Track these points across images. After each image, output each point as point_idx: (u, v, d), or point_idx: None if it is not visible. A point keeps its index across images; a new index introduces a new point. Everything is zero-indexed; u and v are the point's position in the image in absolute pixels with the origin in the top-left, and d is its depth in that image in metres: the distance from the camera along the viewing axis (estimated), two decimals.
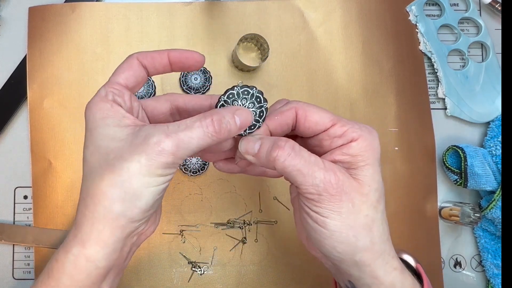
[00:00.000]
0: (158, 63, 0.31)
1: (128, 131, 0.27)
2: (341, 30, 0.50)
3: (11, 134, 0.47)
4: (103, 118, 0.27)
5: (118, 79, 0.29)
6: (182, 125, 0.26)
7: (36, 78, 0.47)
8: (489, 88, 0.50)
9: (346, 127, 0.29)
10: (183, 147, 0.26)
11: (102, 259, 0.27)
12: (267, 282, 0.46)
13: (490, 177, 0.45)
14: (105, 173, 0.26)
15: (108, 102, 0.28)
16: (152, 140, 0.25)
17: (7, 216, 0.47)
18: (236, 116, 0.28)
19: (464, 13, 0.51)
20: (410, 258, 0.34)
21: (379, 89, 0.49)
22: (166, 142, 0.25)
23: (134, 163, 0.25)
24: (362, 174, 0.29)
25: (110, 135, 0.27)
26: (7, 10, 0.49)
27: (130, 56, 0.30)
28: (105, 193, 0.26)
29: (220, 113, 0.27)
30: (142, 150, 0.25)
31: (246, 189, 0.47)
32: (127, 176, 0.26)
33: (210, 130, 0.26)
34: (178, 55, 0.31)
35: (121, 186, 0.26)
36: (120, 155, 0.26)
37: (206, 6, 0.49)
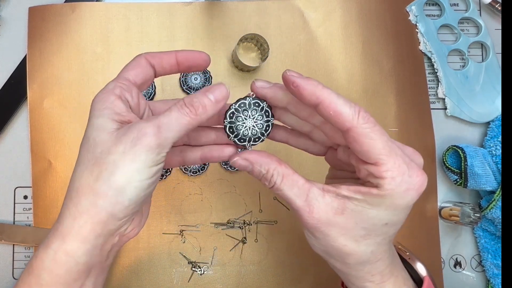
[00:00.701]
0: (166, 62, 0.31)
1: (118, 126, 0.27)
2: (341, 30, 0.50)
3: (11, 134, 0.47)
4: (101, 109, 0.27)
5: (127, 75, 0.30)
6: (162, 112, 0.27)
7: (36, 78, 0.47)
8: (489, 88, 0.50)
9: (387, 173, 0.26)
10: (164, 128, 0.26)
11: (82, 254, 0.27)
12: (267, 282, 0.46)
13: (490, 177, 0.45)
14: (93, 167, 0.26)
15: (113, 95, 0.28)
16: (134, 127, 0.26)
17: (7, 216, 0.47)
18: (209, 93, 0.28)
19: (464, 13, 0.51)
20: (422, 268, 0.34)
21: (379, 89, 0.49)
22: (147, 124, 0.26)
23: (119, 154, 0.26)
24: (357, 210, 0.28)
25: (101, 125, 0.27)
26: (7, 10, 0.49)
27: (139, 56, 0.31)
28: (91, 187, 0.26)
29: (191, 95, 0.28)
30: (125, 139, 0.26)
31: (246, 189, 0.47)
32: (112, 170, 0.26)
33: (185, 110, 0.27)
34: (185, 55, 0.31)
35: (106, 181, 0.26)
36: (107, 148, 0.26)
37: (206, 6, 0.49)
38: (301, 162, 0.47)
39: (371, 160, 0.27)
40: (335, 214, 0.28)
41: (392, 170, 0.26)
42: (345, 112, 0.26)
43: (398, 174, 0.26)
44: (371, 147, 0.26)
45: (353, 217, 0.28)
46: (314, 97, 0.27)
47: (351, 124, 0.26)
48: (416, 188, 0.27)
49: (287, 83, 0.28)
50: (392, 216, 0.28)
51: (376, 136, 0.26)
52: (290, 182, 0.29)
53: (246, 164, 0.30)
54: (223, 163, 0.47)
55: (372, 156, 0.26)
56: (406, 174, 0.26)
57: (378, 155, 0.26)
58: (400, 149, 0.27)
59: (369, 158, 0.27)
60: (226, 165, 0.47)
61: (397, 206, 0.27)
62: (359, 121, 0.26)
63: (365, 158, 0.27)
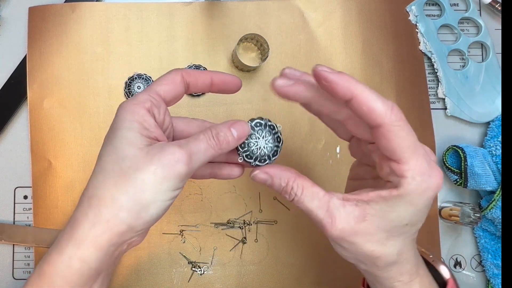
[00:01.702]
0: (201, 82, 0.32)
1: (147, 142, 0.27)
2: (341, 30, 0.50)
3: (11, 134, 0.47)
4: (131, 121, 0.28)
5: (159, 90, 0.30)
6: (191, 139, 0.28)
7: (36, 78, 0.47)
8: (489, 88, 0.50)
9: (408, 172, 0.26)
10: (194, 158, 0.27)
11: (96, 260, 0.27)
12: (267, 282, 0.46)
13: (490, 177, 0.45)
14: (119, 180, 0.26)
15: (144, 108, 0.28)
16: (168, 151, 0.27)
17: (7, 216, 0.47)
18: (233, 129, 0.29)
19: (464, 13, 0.51)
20: (446, 270, 0.34)
21: (379, 89, 0.49)
22: (181, 152, 0.27)
23: (149, 174, 0.26)
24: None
25: (130, 139, 0.27)
26: (7, 10, 0.49)
27: (175, 72, 0.31)
28: (115, 199, 0.26)
29: (217, 128, 0.29)
30: (158, 160, 0.26)
31: (246, 189, 0.47)
32: (140, 187, 0.26)
33: (212, 142, 0.28)
34: (221, 78, 0.32)
35: (132, 196, 0.26)
36: (136, 164, 0.26)
37: (206, 6, 0.49)
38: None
39: (395, 157, 0.27)
40: (357, 222, 0.28)
41: (414, 169, 0.26)
42: (378, 108, 0.26)
43: (419, 174, 0.26)
44: (399, 145, 0.26)
45: (374, 221, 0.28)
46: (348, 92, 0.26)
47: (383, 121, 0.26)
48: (434, 187, 0.27)
49: (318, 78, 0.27)
50: (412, 216, 0.28)
51: (405, 134, 0.26)
52: (311, 194, 0.29)
53: (266, 177, 0.31)
54: None
55: (397, 154, 0.26)
56: (426, 174, 0.27)
57: (403, 153, 0.26)
58: (423, 149, 0.28)
59: (393, 155, 0.27)
60: None
61: (416, 206, 0.27)
62: (391, 118, 0.26)
63: (390, 155, 0.27)
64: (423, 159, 0.27)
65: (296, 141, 0.48)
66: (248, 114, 0.48)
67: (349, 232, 0.28)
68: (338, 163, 0.48)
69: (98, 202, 0.26)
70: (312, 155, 0.48)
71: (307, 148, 0.48)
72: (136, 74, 0.47)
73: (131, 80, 0.47)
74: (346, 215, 0.28)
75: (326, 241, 0.47)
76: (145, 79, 0.47)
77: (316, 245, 0.47)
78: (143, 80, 0.47)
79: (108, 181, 0.27)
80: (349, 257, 0.31)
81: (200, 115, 0.47)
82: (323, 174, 0.44)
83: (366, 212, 0.28)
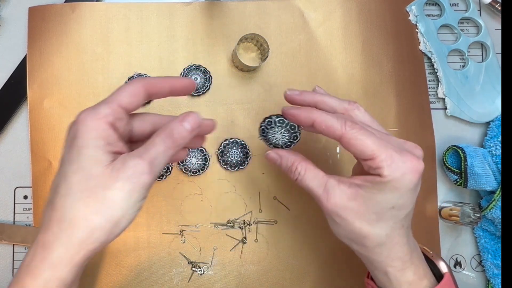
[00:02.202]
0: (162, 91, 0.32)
1: (112, 158, 0.28)
2: (341, 30, 0.50)
3: (11, 134, 0.47)
4: (95, 139, 0.28)
5: (122, 102, 0.30)
6: (149, 145, 0.29)
7: (36, 78, 0.47)
8: (489, 88, 0.50)
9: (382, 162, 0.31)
10: (155, 163, 0.29)
11: (71, 276, 0.28)
12: (267, 282, 0.46)
13: (490, 177, 0.45)
14: (89, 200, 0.27)
15: (107, 123, 0.28)
16: (131, 164, 0.28)
17: (7, 216, 0.47)
18: (185, 123, 0.30)
19: (464, 13, 0.51)
20: (444, 266, 0.36)
21: (379, 89, 0.49)
22: (143, 163, 0.28)
23: (118, 191, 0.27)
24: None
25: (97, 158, 0.28)
26: (7, 10, 0.49)
27: (138, 82, 0.31)
28: (88, 220, 0.27)
29: (170, 126, 0.30)
30: (123, 175, 0.27)
31: (246, 189, 0.47)
32: (111, 205, 0.27)
33: (169, 143, 0.29)
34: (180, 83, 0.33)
35: (104, 215, 0.27)
36: (103, 183, 0.27)
37: (206, 6, 0.49)
38: None
39: (366, 156, 0.31)
40: (348, 199, 0.32)
41: (386, 160, 0.31)
42: (334, 124, 0.32)
43: (392, 162, 0.31)
44: (363, 146, 0.31)
45: (364, 202, 0.32)
46: (309, 119, 0.33)
47: (341, 132, 0.32)
48: (409, 171, 0.31)
49: (286, 115, 0.36)
50: (397, 199, 0.32)
51: (364, 137, 0.31)
52: (312, 174, 0.34)
53: (276, 157, 0.37)
54: (223, 163, 0.47)
55: (367, 153, 0.31)
56: (399, 160, 0.31)
57: (371, 151, 0.31)
58: (391, 143, 0.32)
59: (364, 156, 0.31)
60: (226, 165, 0.47)
61: (399, 189, 0.31)
62: (346, 129, 0.32)
63: (362, 157, 0.32)
64: (392, 150, 0.31)
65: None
66: (248, 114, 0.48)
67: (341, 207, 0.33)
68: (338, 163, 0.48)
69: (70, 225, 0.27)
70: (312, 155, 0.48)
71: (307, 149, 0.48)
72: (136, 74, 0.47)
73: (131, 80, 0.47)
74: (340, 193, 0.33)
75: (326, 241, 0.47)
76: None
77: (316, 245, 0.47)
78: None
79: (78, 202, 0.27)
80: (342, 235, 0.35)
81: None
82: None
83: (357, 193, 0.32)
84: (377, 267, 0.34)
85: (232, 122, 0.48)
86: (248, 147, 0.47)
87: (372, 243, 0.33)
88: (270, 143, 0.39)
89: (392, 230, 0.33)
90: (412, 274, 0.34)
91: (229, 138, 0.47)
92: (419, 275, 0.34)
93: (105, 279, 0.45)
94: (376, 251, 0.33)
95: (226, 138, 0.47)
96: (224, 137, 0.47)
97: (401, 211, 0.32)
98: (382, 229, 0.32)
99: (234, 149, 0.47)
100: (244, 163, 0.47)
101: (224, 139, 0.47)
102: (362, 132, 0.31)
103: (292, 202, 0.47)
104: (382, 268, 0.34)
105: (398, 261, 0.33)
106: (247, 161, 0.47)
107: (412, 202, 0.33)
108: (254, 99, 0.48)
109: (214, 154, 0.47)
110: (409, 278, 0.34)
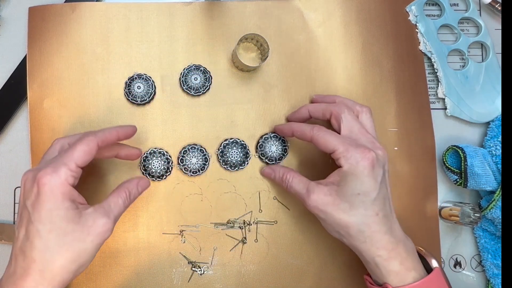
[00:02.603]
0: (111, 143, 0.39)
1: (80, 214, 0.34)
2: (341, 30, 0.50)
3: (11, 134, 0.47)
4: (63, 201, 0.33)
5: (78, 161, 0.35)
6: (113, 206, 0.36)
7: (36, 78, 0.47)
8: (489, 88, 0.50)
9: (341, 153, 0.38)
10: (118, 217, 0.37)
11: None
12: (267, 282, 0.46)
13: (490, 177, 0.45)
14: (67, 254, 0.33)
15: (68, 186, 0.34)
16: (100, 223, 0.34)
17: (7, 216, 0.47)
18: (139, 186, 0.40)
19: (464, 13, 0.51)
20: (435, 262, 0.39)
21: (379, 89, 0.49)
22: (109, 222, 0.35)
23: (88, 244, 0.34)
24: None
25: (68, 217, 0.33)
26: (7, 10, 0.49)
27: (91, 140, 0.36)
28: (66, 268, 0.33)
29: (129, 188, 0.39)
30: (93, 232, 0.34)
31: (246, 189, 0.47)
32: (83, 254, 0.34)
33: (127, 201, 0.38)
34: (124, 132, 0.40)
35: (79, 262, 0.34)
36: (77, 238, 0.33)
37: (206, 6, 0.49)
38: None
39: (330, 150, 0.39)
40: (325, 195, 0.39)
41: (343, 152, 0.38)
42: (306, 129, 0.41)
43: (347, 153, 0.38)
44: (327, 143, 0.39)
45: (337, 194, 0.38)
46: (290, 131, 0.44)
47: (310, 135, 0.41)
48: (362, 159, 0.37)
49: (275, 131, 0.47)
50: (360, 186, 0.37)
51: (327, 136, 0.39)
52: (297, 180, 0.42)
53: (270, 171, 0.46)
54: (223, 163, 0.47)
55: (330, 148, 0.39)
56: (354, 151, 0.38)
57: (333, 146, 0.39)
58: (351, 141, 0.39)
59: (329, 149, 0.39)
60: (226, 165, 0.47)
61: (358, 176, 0.37)
62: (314, 131, 0.41)
63: (327, 150, 0.40)
64: (349, 144, 0.38)
65: (296, 143, 0.48)
66: (247, 114, 0.48)
67: (321, 202, 0.39)
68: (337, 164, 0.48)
69: (51, 274, 0.32)
70: (311, 155, 0.48)
71: (306, 149, 0.48)
72: (136, 74, 0.47)
73: (131, 80, 0.47)
74: (318, 190, 0.39)
75: (326, 241, 0.47)
76: (145, 79, 0.47)
77: (316, 245, 0.47)
78: (143, 80, 0.47)
79: (57, 256, 0.33)
80: (330, 229, 0.40)
81: (200, 115, 0.47)
82: (322, 173, 0.44)
83: (332, 188, 0.39)
84: (366, 258, 0.38)
85: (232, 122, 0.48)
86: (248, 147, 0.47)
87: (353, 230, 0.38)
88: (266, 156, 0.47)
89: (366, 217, 0.37)
90: (398, 264, 0.37)
91: (229, 138, 0.47)
92: (406, 266, 0.37)
93: (105, 279, 0.45)
94: (360, 239, 0.38)
95: (226, 138, 0.47)
96: (224, 137, 0.47)
97: (367, 197, 0.37)
98: (356, 217, 0.37)
99: (234, 149, 0.47)
100: (244, 163, 0.47)
101: (224, 139, 0.47)
102: (326, 133, 0.40)
103: (292, 202, 0.47)
104: (371, 258, 0.38)
105: (383, 250, 0.37)
106: (247, 161, 0.47)
107: (374, 189, 0.37)
108: (254, 99, 0.48)
109: (214, 154, 0.47)
110: (395, 268, 0.37)
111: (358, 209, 0.37)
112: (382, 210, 0.38)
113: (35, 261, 0.32)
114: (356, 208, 0.37)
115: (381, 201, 0.38)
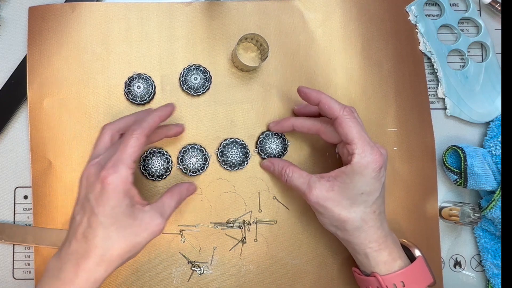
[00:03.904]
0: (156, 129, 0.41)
1: (138, 211, 0.37)
2: (341, 30, 0.50)
3: (11, 134, 0.47)
4: (124, 198, 0.36)
5: (133, 157, 0.37)
6: (167, 207, 0.39)
7: (36, 78, 0.47)
8: (489, 88, 0.50)
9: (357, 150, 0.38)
10: (169, 218, 0.39)
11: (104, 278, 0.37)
12: (266, 282, 0.46)
13: (490, 177, 0.45)
14: (125, 244, 0.36)
15: (129, 184, 0.36)
16: (155, 222, 0.37)
17: (7, 216, 0.47)
18: (188, 191, 0.43)
19: (464, 13, 0.51)
20: (418, 252, 0.42)
21: (379, 89, 0.49)
22: (163, 222, 0.38)
23: (143, 239, 0.37)
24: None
25: (128, 213, 0.36)
26: (7, 10, 0.49)
27: (141, 133, 0.37)
28: (120, 256, 0.36)
29: (179, 192, 0.41)
30: (149, 230, 0.37)
31: (246, 188, 0.47)
32: (138, 247, 0.37)
33: (178, 204, 0.41)
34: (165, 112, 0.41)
35: (131, 252, 0.36)
36: (135, 232, 0.36)
37: (206, 6, 0.49)
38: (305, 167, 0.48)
39: (348, 140, 0.39)
40: (327, 191, 0.39)
41: (359, 148, 0.38)
42: (335, 106, 0.40)
43: (362, 151, 0.38)
44: (349, 131, 0.38)
45: (340, 191, 0.39)
46: (317, 98, 0.41)
47: (338, 114, 0.39)
48: (373, 161, 0.38)
49: (299, 92, 0.43)
50: (365, 186, 0.38)
51: (353, 124, 0.39)
52: (298, 175, 0.42)
53: (269, 164, 0.46)
54: (223, 163, 0.47)
55: (349, 137, 0.38)
56: (368, 152, 0.38)
57: (353, 138, 0.38)
58: (368, 139, 0.39)
59: (347, 139, 0.39)
60: (226, 165, 0.47)
61: (365, 176, 0.38)
62: (343, 113, 0.39)
63: (345, 139, 0.39)
64: (367, 143, 0.38)
65: (296, 142, 0.48)
66: (247, 114, 0.48)
67: (322, 198, 0.39)
68: (337, 162, 0.48)
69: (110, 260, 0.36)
70: (311, 155, 0.48)
71: (306, 148, 0.48)
72: (136, 74, 0.47)
73: (131, 80, 0.47)
74: (320, 186, 0.40)
75: (326, 241, 0.47)
76: (145, 79, 0.47)
77: (316, 245, 0.47)
78: (143, 80, 0.47)
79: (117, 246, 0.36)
80: (327, 224, 0.41)
81: (200, 115, 0.48)
82: (322, 172, 0.44)
83: (334, 184, 0.39)
84: (358, 250, 0.40)
85: (232, 122, 0.48)
86: (248, 147, 0.47)
87: (351, 226, 0.39)
88: (265, 153, 0.47)
89: (365, 214, 0.39)
90: (387, 254, 0.39)
91: (229, 138, 0.47)
92: (393, 256, 0.40)
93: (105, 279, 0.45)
94: (355, 234, 0.39)
95: (225, 138, 0.47)
96: (224, 137, 0.47)
97: (370, 197, 0.39)
98: (356, 213, 0.39)
99: (234, 149, 0.47)
100: (244, 163, 0.47)
101: (224, 139, 0.47)
102: (354, 120, 0.39)
103: (292, 202, 0.47)
104: (362, 250, 0.40)
105: (374, 243, 0.39)
106: (247, 161, 0.47)
107: (377, 190, 0.39)
108: (254, 99, 0.48)
109: (214, 154, 0.47)
110: (384, 258, 0.39)
111: (359, 207, 0.39)
112: (379, 208, 0.40)
113: (97, 247, 0.35)
114: (357, 206, 0.39)
115: (380, 200, 0.40)
